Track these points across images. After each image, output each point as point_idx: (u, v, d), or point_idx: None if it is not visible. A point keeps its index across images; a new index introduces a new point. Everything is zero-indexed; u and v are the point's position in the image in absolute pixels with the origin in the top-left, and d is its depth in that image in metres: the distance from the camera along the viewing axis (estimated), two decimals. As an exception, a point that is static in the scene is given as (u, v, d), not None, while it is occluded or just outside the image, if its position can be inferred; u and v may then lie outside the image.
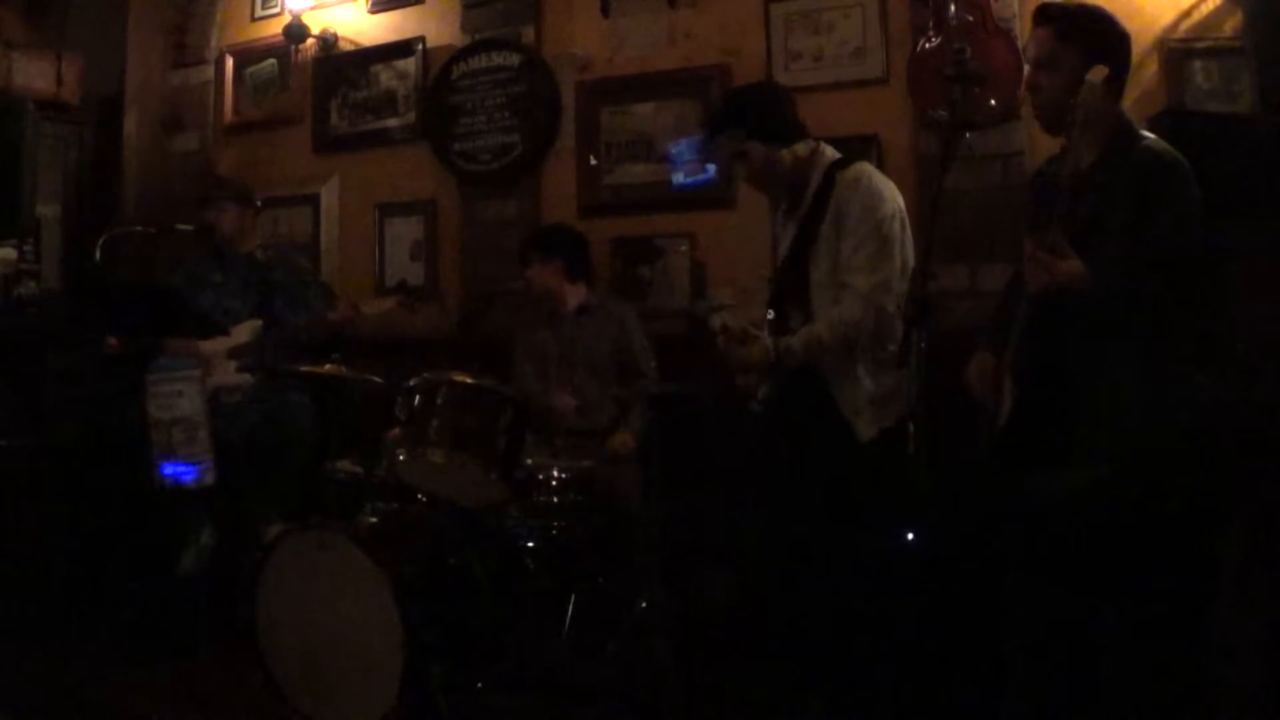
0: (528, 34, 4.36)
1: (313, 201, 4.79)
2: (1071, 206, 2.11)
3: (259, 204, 4.13)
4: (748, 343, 2.70)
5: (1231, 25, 3.23)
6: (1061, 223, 2.11)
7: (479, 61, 4.42)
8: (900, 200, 2.77)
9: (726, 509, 3.47)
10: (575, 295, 3.77)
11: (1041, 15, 2.38)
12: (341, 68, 4.75)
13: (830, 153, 2.85)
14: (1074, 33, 2.29)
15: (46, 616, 3.57)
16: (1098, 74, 2.11)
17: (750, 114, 2.86)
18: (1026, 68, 2.48)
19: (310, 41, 4.72)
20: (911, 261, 2.73)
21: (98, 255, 3.77)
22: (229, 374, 3.72)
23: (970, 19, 3.45)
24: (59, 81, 4.75)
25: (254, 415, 3.74)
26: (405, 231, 4.60)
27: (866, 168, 2.79)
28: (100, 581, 3.69)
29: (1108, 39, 2.30)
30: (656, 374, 3.67)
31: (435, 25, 4.57)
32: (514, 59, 4.35)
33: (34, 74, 4.66)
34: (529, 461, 3.16)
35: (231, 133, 5.02)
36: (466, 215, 4.47)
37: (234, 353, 3.74)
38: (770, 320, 2.83)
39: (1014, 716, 2.33)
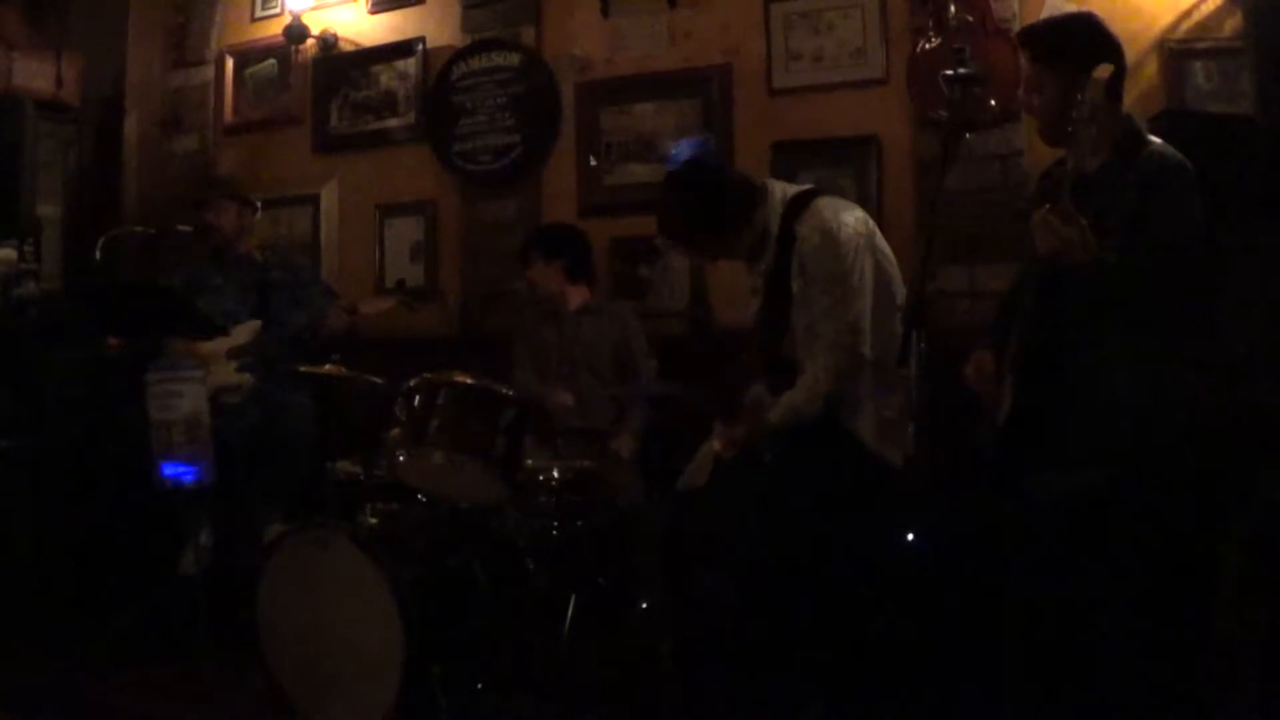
0: (528, 34, 4.36)
1: (313, 201, 4.79)
2: (1078, 207, 2.11)
3: (257, 204, 4.13)
4: (728, 445, 2.70)
5: (1231, 25, 3.23)
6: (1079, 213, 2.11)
7: (479, 61, 4.42)
8: (864, 224, 2.71)
9: (725, 508, 3.47)
10: (577, 295, 3.77)
11: (1021, 41, 2.39)
12: (341, 68, 4.75)
13: (780, 192, 2.78)
14: (1051, 55, 2.31)
15: (46, 616, 3.57)
16: (1103, 72, 2.10)
17: (699, 227, 2.82)
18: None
19: (310, 42, 4.72)
20: (897, 276, 2.73)
21: (98, 255, 3.77)
22: (229, 374, 3.72)
23: (970, 19, 3.46)
24: (59, 81, 4.74)
25: (254, 415, 3.73)
26: (405, 232, 4.60)
27: (820, 209, 2.70)
28: (100, 581, 3.69)
29: (1092, 51, 2.27)
30: (656, 374, 3.67)
31: (435, 25, 4.57)
32: (514, 59, 4.36)
33: (34, 74, 4.66)
34: (529, 461, 3.16)
35: (231, 133, 5.02)
36: (467, 215, 4.47)
37: (234, 353, 3.74)
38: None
39: (1014, 717, 2.33)
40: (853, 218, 2.72)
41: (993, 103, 3.36)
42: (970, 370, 2.48)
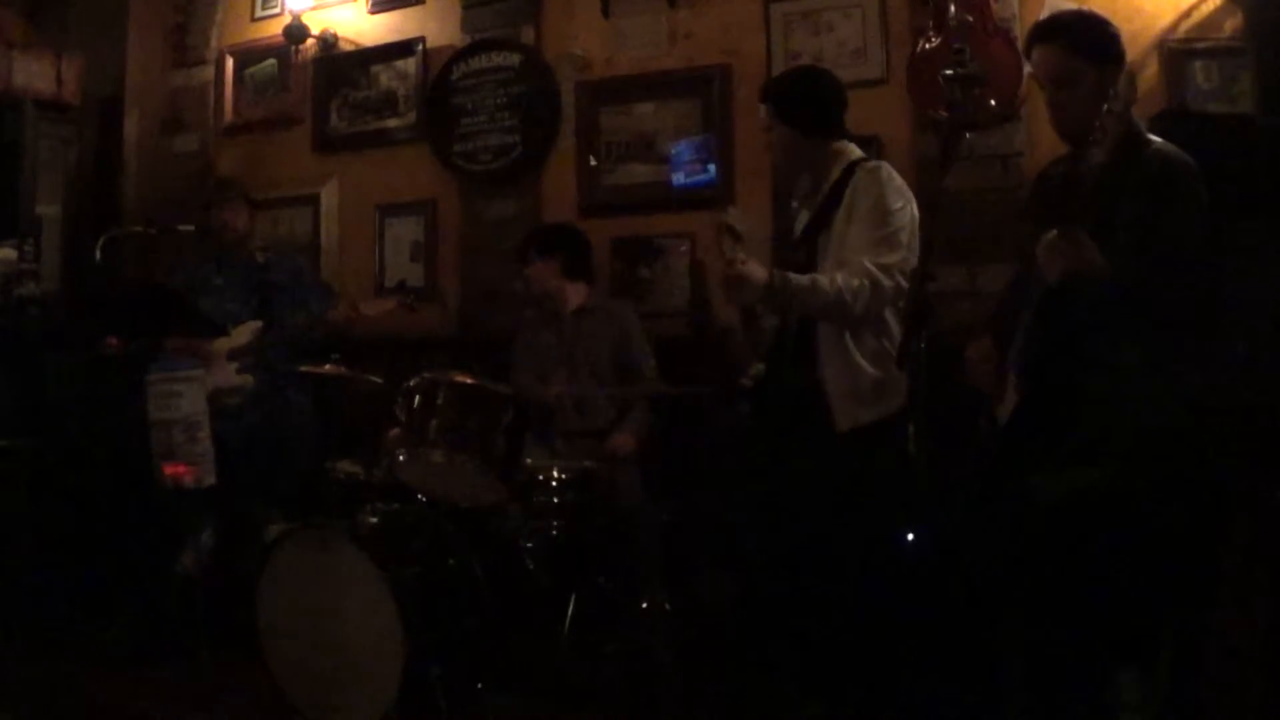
0: (528, 34, 4.36)
1: (313, 201, 4.79)
2: (1083, 208, 2.11)
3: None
4: (742, 261, 2.56)
5: (1231, 25, 3.23)
6: (1081, 215, 2.11)
7: (479, 61, 4.42)
8: (915, 206, 2.74)
9: (725, 507, 3.48)
10: (576, 295, 3.77)
11: (1046, 32, 2.36)
12: (341, 68, 4.75)
13: (854, 151, 2.86)
14: (1083, 44, 2.29)
15: (46, 616, 3.57)
16: (1134, 68, 2.10)
17: (789, 101, 2.86)
18: (1026, 70, 2.47)
19: (310, 42, 4.72)
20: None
21: (98, 255, 3.77)
22: (229, 375, 3.71)
23: (970, 19, 3.46)
24: (59, 81, 4.74)
25: (254, 415, 3.73)
26: (405, 232, 4.60)
27: (881, 164, 2.79)
28: (100, 581, 3.69)
29: (1111, 41, 2.31)
30: (656, 374, 3.67)
31: (435, 25, 4.57)
32: (514, 59, 4.36)
33: (34, 74, 4.66)
34: (529, 461, 3.16)
35: (231, 133, 5.02)
36: (466, 215, 4.47)
37: (234, 354, 3.74)
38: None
39: (1013, 716, 2.32)
40: (909, 193, 2.75)
41: (993, 103, 3.36)
42: (971, 355, 2.47)
